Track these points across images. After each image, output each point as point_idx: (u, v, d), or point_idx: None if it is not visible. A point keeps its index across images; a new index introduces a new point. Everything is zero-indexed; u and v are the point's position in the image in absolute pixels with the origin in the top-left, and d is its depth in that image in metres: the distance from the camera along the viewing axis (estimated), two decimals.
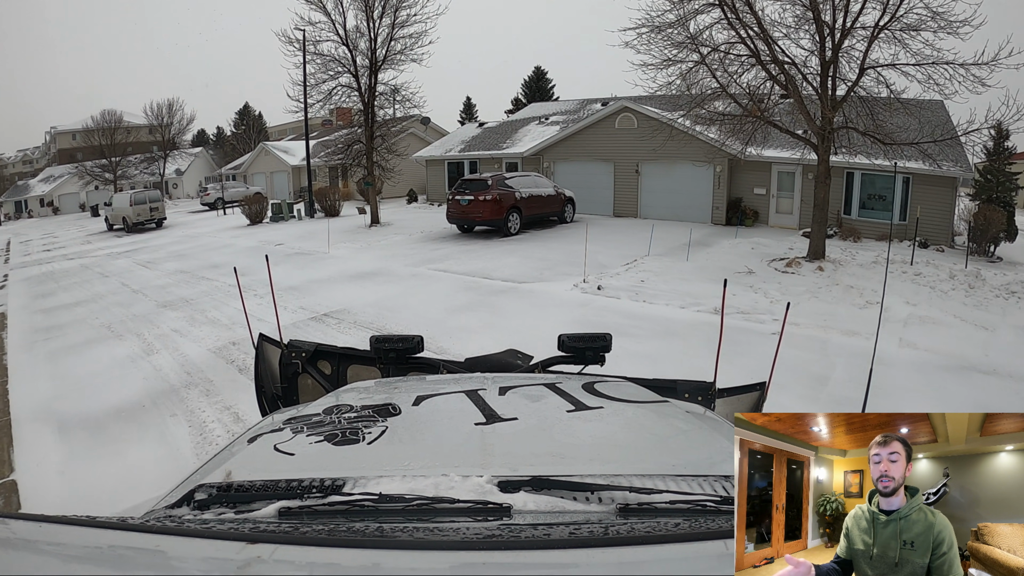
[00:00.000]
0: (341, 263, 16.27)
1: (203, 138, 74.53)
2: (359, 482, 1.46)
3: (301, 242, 20.88)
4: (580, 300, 11.11)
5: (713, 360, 3.12)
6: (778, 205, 21.38)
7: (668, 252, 15.65)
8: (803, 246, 16.25)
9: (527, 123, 31.00)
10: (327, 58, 24.00)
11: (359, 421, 1.89)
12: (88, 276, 17.80)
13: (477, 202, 18.81)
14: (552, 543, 1.12)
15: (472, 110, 56.42)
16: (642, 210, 23.24)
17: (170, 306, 12.37)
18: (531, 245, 17.41)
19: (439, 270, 14.33)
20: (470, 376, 2.68)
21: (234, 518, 1.38)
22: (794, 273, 13.57)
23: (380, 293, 12.36)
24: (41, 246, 30.02)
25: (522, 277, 13.09)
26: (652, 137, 19.49)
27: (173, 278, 15.85)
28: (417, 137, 36.54)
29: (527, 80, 52.35)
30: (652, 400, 2.32)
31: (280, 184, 45.98)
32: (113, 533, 1.15)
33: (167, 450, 6.18)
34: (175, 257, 19.69)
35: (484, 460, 1.61)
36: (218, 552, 1.08)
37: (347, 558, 1.07)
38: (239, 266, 16.06)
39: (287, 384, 4.06)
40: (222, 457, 1.84)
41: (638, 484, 1.44)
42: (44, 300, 14.91)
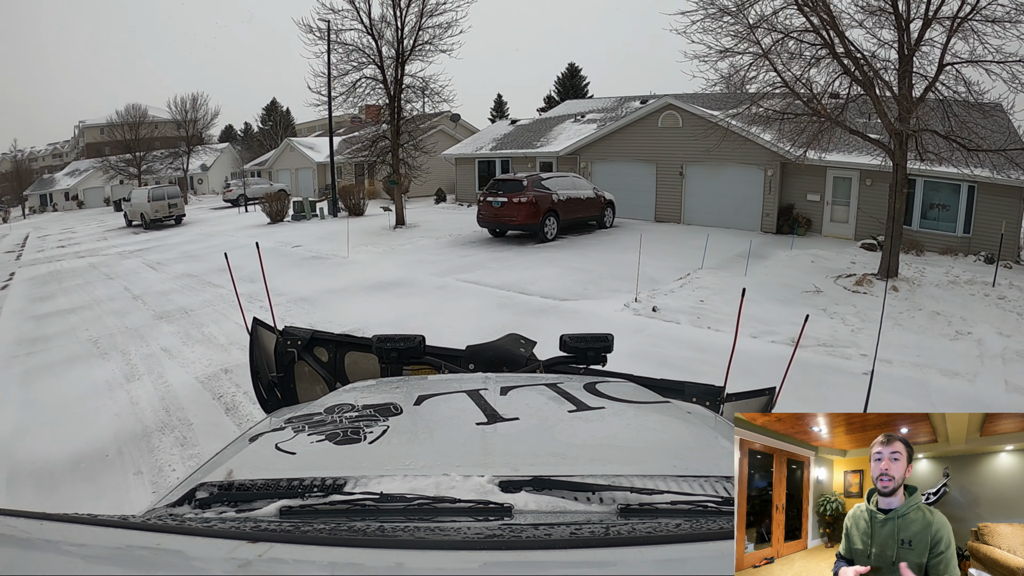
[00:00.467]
0: (360, 270, 14.91)
1: (230, 134, 74.56)
2: (360, 481, 1.47)
3: (320, 244, 19.64)
4: (633, 324, 9.58)
5: (807, 406, 2.18)
6: (833, 213, 19.64)
7: (723, 264, 14.12)
8: (866, 260, 14.94)
9: (562, 121, 29.56)
10: (350, 47, 22.56)
11: (360, 420, 1.89)
12: (93, 277, 16.85)
13: (511, 204, 17.28)
14: (553, 543, 1.12)
15: (503, 107, 55.38)
16: (686, 215, 21.68)
17: (166, 318, 11.14)
18: (570, 253, 15.88)
19: (469, 281, 12.80)
20: (472, 376, 2.69)
21: (235, 517, 1.38)
22: (866, 293, 12.04)
23: (401, 309, 11.01)
24: (57, 242, 29.41)
25: (564, 293, 11.55)
26: (704, 137, 17.77)
27: (178, 283, 14.66)
28: (446, 134, 35.24)
29: (560, 77, 51.27)
30: (653, 400, 2.34)
31: (305, 181, 45.14)
32: (114, 531, 1.15)
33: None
34: (186, 258, 18.56)
35: (485, 460, 1.63)
36: (219, 551, 1.07)
37: (348, 557, 1.07)
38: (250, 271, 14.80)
39: (283, 373, 4.02)
40: (223, 456, 1.84)
41: (639, 484, 1.45)
42: (41, 304, 14.01)
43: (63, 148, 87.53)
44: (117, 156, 54.50)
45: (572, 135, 26.28)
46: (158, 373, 8.19)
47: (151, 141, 55.62)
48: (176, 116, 57.13)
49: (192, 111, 57.61)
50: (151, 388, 7.65)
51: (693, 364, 7.75)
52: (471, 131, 37.10)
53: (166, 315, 11.33)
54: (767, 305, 10.53)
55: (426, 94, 23.12)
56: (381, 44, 22.28)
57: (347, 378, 4.05)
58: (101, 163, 56.56)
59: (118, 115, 56.02)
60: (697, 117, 20.41)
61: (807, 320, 3.42)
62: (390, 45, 22.31)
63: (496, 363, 3.68)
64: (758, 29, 12.77)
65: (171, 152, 56.26)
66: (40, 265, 21.51)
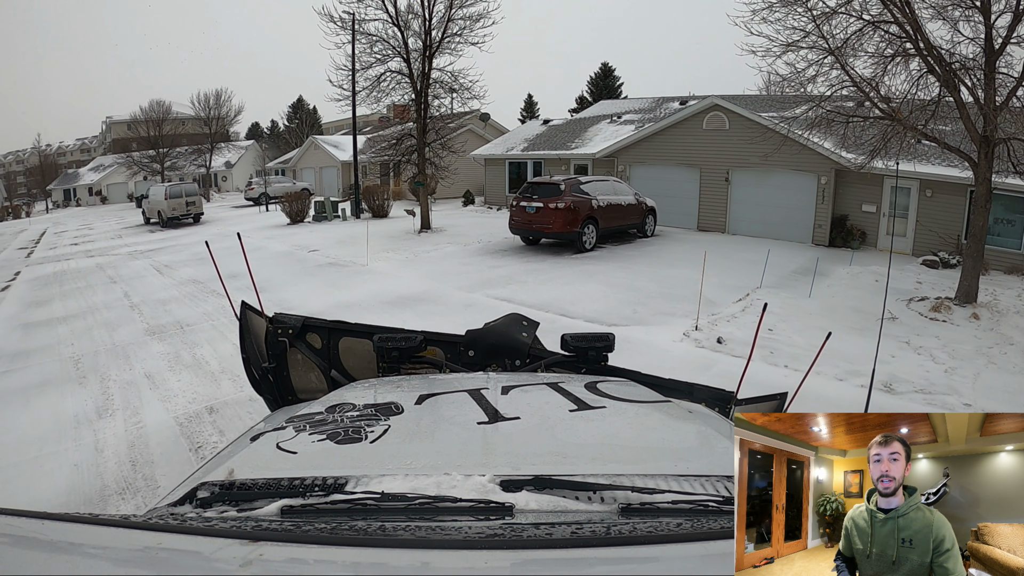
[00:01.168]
0: (380, 281, 13.68)
1: (257, 131, 74.71)
2: (361, 481, 1.48)
3: (339, 249, 18.49)
4: (697, 359, 8.20)
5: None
6: (889, 226, 18.11)
7: (782, 283, 12.71)
8: (931, 279, 13.74)
9: (597, 121, 28.28)
10: (374, 38, 21.25)
11: (362, 420, 1.91)
12: (96, 280, 16.04)
13: (547, 210, 15.88)
14: (554, 542, 1.12)
15: (533, 107, 54.54)
16: (731, 224, 20.30)
17: (159, 334, 10.09)
18: (612, 267, 14.46)
19: (501, 299, 11.44)
20: (473, 375, 2.69)
21: (236, 516, 1.39)
22: (946, 321, 10.64)
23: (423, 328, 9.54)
24: (72, 239, 28.94)
25: (611, 316, 10.18)
26: (753, 141, 16.59)
27: (181, 290, 13.70)
28: (475, 134, 34.12)
29: (593, 77, 50.31)
30: (654, 400, 2.36)
31: (329, 180, 44.42)
32: (115, 531, 1.15)
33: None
34: (195, 261, 17.62)
35: (486, 459, 1.65)
36: (220, 550, 1.07)
37: (349, 557, 1.08)
38: (263, 277, 13.47)
39: (275, 363, 4.00)
40: (225, 455, 1.85)
41: (640, 484, 1.46)
42: (35, 311, 13.24)
43: (91, 143, 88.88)
44: (141, 152, 54.41)
45: (609, 136, 25.03)
46: (134, 408, 7.09)
47: (175, 137, 55.49)
48: (199, 112, 56.77)
49: (215, 107, 57.20)
50: (121, 429, 6.51)
51: None
52: (500, 131, 36.13)
53: (159, 330, 10.29)
54: (844, 336, 9.07)
55: (455, 90, 21.95)
56: (407, 35, 21.05)
57: (341, 364, 4.08)
58: (125, 159, 56.61)
59: (142, 111, 56.03)
60: (745, 119, 19.10)
61: (828, 337, 3.48)
62: (417, 36, 21.09)
63: (497, 349, 3.73)
64: (833, 19, 11.37)
65: (195, 149, 56.07)
66: (48, 264, 20.92)
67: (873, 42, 11.48)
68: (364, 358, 4.03)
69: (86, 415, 6.99)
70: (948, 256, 15.25)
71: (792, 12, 11.69)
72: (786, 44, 11.86)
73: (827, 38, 11.50)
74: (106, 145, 75.57)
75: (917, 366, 8.37)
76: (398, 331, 3.84)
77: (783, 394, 3.25)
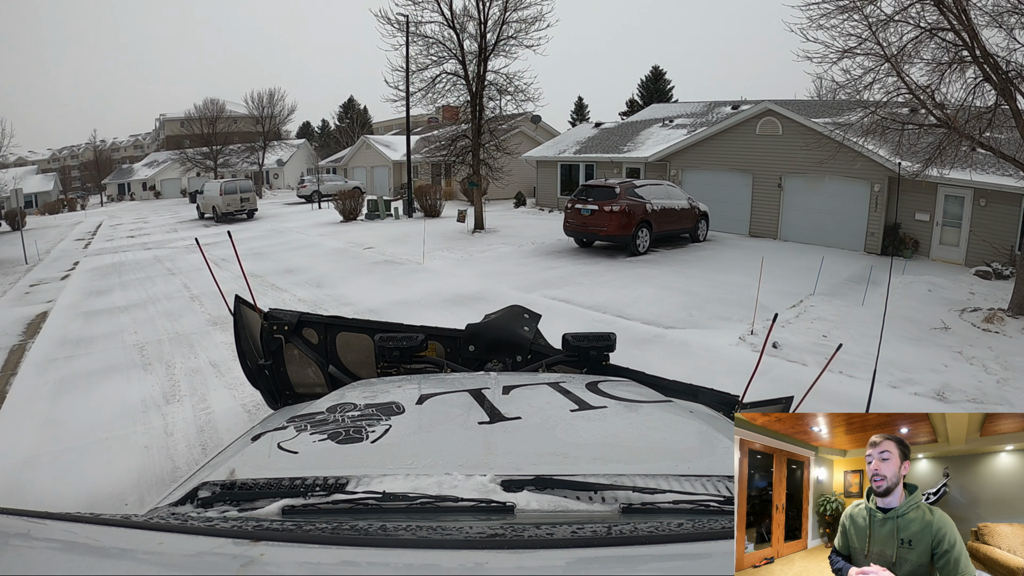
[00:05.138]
0: (436, 279, 14.09)
1: (307, 130, 76.07)
2: (363, 481, 1.48)
3: (393, 247, 18.97)
4: (753, 363, 8.45)
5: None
6: (942, 235, 17.98)
7: (835, 291, 12.84)
8: (984, 291, 13.66)
9: (649, 125, 28.39)
10: (430, 40, 21.75)
11: (363, 420, 1.92)
12: (154, 272, 16.72)
13: (601, 213, 16.18)
14: (555, 542, 1.12)
15: (584, 110, 54.66)
16: (783, 231, 20.31)
17: (221, 324, 10.57)
18: (666, 270, 14.72)
19: (558, 299, 11.79)
20: (473, 375, 2.72)
21: (237, 516, 1.40)
22: (998, 332, 10.65)
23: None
24: (128, 231, 29.96)
25: (667, 319, 10.48)
26: (807, 147, 16.65)
27: (240, 283, 14.04)
28: (527, 136, 34.53)
29: (644, 80, 50.17)
30: (655, 400, 2.36)
31: (380, 179, 45.19)
32: (116, 530, 1.17)
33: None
34: (252, 256, 18.10)
35: (488, 459, 1.66)
36: (221, 550, 1.09)
37: (350, 557, 1.08)
38: (320, 273, 14.00)
39: (271, 360, 4.03)
40: (226, 455, 1.86)
41: (641, 484, 1.47)
42: (95, 299, 13.86)
43: (144, 140, 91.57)
44: (195, 149, 55.93)
45: (661, 140, 25.18)
46: (201, 395, 7.50)
47: (228, 135, 56.93)
48: (253, 111, 58.01)
49: (269, 106, 58.46)
50: (190, 414, 6.93)
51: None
52: (551, 133, 36.38)
53: (221, 321, 10.73)
54: (897, 345, 9.28)
55: (509, 92, 22.26)
56: (463, 38, 21.51)
57: (339, 359, 4.12)
58: (178, 155, 58.56)
59: (196, 109, 57.56)
60: (799, 125, 19.17)
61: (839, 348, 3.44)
62: (472, 39, 21.52)
63: (498, 344, 3.79)
64: (888, 26, 11.50)
65: (247, 147, 57.29)
66: (106, 255, 21.63)
67: (929, 49, 11.55)
68: (362, 352, 4.04)
69: (154, 400, 7.36)
70: (1001, 267, 15.13)
71: (849, 18, 11.84)
72: (842, 51, 12.01)
73: (883, 45, 11.63)
74: (159, 142, 77.77)
75: (970, 377, 8.47)
76: (398, 327, 3.96)
77: (788, 398, 3.27)
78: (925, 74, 11.78)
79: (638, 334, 9.58)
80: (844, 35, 11.90)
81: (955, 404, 7.58)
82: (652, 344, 9.16)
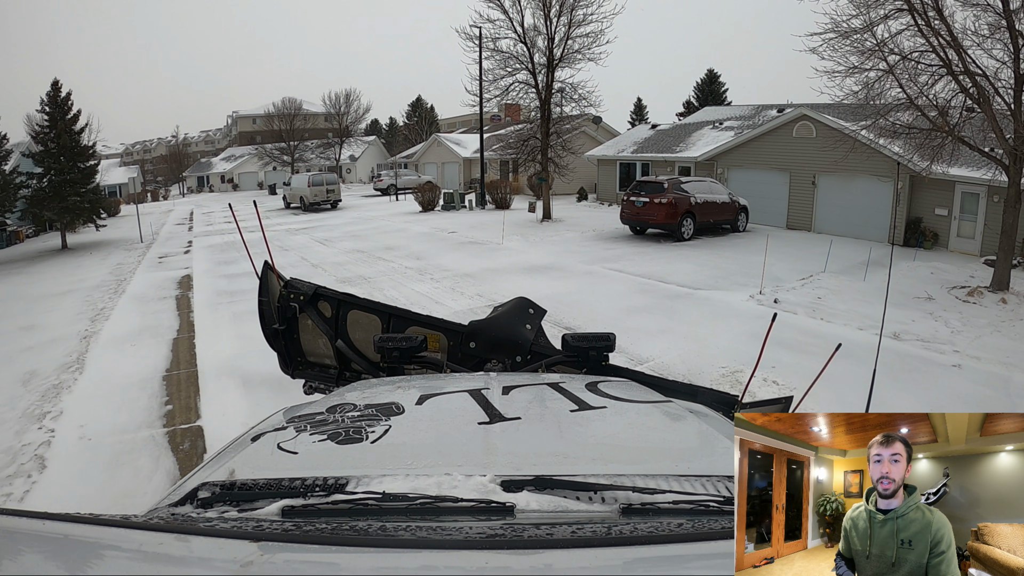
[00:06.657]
0: (514, 255, 17.05)
1: (376, 128, 79.05)
2: (362, 481, 1.47)
3: (473, 231, 21.88)
4: (756, 312, 11.38)
5: (896, 391, 3.08)
6: (959, 228, 20.07)
7: (844, 270, 15.36)
8: (985, 275, 15.29)
9: (700, 127, 30.68)
10: (506, 55, 24.83)
11: (362, 420, 1.90)
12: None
13: (652, 204, 19.10)
14: (555, 543, 1.13)
15: (643, 111, 56.57)
16: (816, 224, 22.59)
17: (348, 282, 13.27)
18: (704, 252, 17.52)
19: (614, 269, 14.92)
20: (473, 375, 2.72)
21: (237, 516, 1.39)
22: (975, 303, 12.94)
23: (555, 287, 12.95)
24: (223, 218, 32.46)
25: (697, 284, 13.45)
26: (833, 148, 18.89)
27: (350, 256, 17.08)
28: (588, 136, 36.96)
29: (699, 83, 51.87)
30: (655, 400, 2.34)
31: (451, 174, 47.44)
32: (116, 531, 1.17)
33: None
34: (350, 237, 20.84)
35: (487, 459, 1.64)
36: (221, 550, 1.10)
37: (350, 557, 1.09)
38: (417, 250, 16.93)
39: (285, 325, 4.20)
40: (225, 455, 1.85)
41: (641, 484, 1.46)
42: (226, 267, 16.39)
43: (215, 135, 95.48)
44: (272, 144, 58.74)
45: (710, 141, 27.40)
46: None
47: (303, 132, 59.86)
48: (330, 109, 61.42)
49: (345, 105, 61.85)
50: None
51: (802, 345, 9.44)
52: (612, 133, 38.60)
53: (348, 280, 13.43)
54: (879, 306, 11.78)
55: (574, 99, 25.19)
56: (533, 51, 24.48)
57: (348, 335, 4.17)
58: (256, 150, 61.58)
59: (274, 107, 60.62)
60: (830, 128, 21.10)
61: (838, 348, 3.18)
62: (541, 53, 24.44)
63: (498, 343, 3.76)
64: (883, 48, 13.78)
65: (322, 143, 60.35)
66: (213, 236, 23.96)
67: (909, 69, 13.84)
68: (370, 331, 4.08)
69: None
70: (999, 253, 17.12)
71: (852, 43, 14.19)
72: (849, 68, 14.42)
73: (886, 59, 13.86)
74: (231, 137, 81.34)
75: (930, 328, 10.78)
76: (409, 313, 4.09)
77: (788, 398, 3.27)
78: (919, 85, 14.01)
79: (674, 292, 12.66)
80: (852, 53, 14.23)
81: (906, 342, 10.00)
82: (683, 299, 12.22)
